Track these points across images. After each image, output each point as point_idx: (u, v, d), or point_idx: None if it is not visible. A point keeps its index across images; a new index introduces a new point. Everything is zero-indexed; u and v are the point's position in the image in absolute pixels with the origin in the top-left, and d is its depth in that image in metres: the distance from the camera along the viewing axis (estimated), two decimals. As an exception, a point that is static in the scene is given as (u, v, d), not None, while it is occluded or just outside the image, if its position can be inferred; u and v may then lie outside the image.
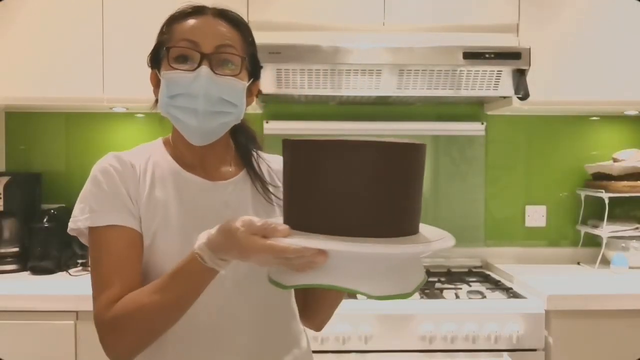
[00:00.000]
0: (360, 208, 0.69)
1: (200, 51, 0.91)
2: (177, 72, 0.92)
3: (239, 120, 0.99)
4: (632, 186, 2.13)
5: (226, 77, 0.93)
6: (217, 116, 0.94)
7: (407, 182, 0.72)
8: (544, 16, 2.05)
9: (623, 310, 1.76)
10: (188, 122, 0.93)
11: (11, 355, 1.69)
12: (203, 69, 0.90)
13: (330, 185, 0.70)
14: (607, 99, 2.08)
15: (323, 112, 2.33)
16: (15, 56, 2.01)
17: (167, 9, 2.16)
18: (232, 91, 0.94)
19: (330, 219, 0.70)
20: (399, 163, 0.71)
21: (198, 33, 0.93)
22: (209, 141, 0.97)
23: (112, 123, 2.35)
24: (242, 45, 0.97)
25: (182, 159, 1.02)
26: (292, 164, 0.76)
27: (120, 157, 0.99)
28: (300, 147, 0.75)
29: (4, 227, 2.10)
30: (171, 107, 0.95)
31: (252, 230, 0.72)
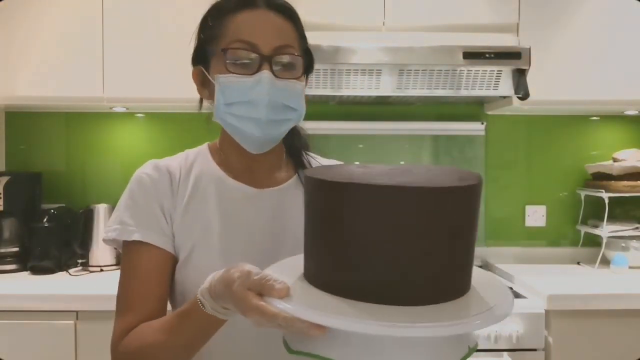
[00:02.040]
0: (390, 268, 0.56)
1: (260, 53, 0.83)
2: (234, 76, 0.84)
3: (297, 124, 0.92)
4: (632, 186, 2.13)
5: (288, 80, 0.85)
6: (279, 124, 0.86)
7: (455, 234, 0.58)
8: (544, 16, 2.05)
9: (623, 310, 1.76)
10: (248, 131, 0.85)
11: (11, 355, 1.69)
12: (264, 74, 0.82)
13: (351, 236, 0.58)
14: (607, 98, 2.08)
15: (323, 112, 2.33)
16: (16, 56, 2.01)
17: (166, 9, 2.17)
18: (294, 95, 0.86)
19: (350, 279, 0.58)
20: (445, 213, 0.57)
21: (255, 32, 0.84)
22: (267, 148, 0.89)
23: (112, 123, 2.35)
24: (298, 41, 0.89)
25: (229, 165, 0.94)
26: (312, 206, 0.64)
27: (158, 165, 0.94)
28: (320, 188, 0.61)
29: (4, 227, 2.10)
30: (228, 115, 0.86)
31: (247, 284, 0.62)
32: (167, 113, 2.34)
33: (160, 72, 2.00)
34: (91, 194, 2.33)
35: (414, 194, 0.55)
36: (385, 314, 0.54)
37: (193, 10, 2.21)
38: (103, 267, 2.09)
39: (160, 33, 2.01)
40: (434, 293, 0.58)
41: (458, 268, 0.60)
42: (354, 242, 0.57)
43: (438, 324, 0.53)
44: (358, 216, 0.57)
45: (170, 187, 0.91)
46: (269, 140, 0.88)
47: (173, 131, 2.34)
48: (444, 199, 0.56)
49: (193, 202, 0.90)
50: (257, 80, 0.82)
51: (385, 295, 0.56)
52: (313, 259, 0.63)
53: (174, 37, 2.01)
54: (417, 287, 0.57)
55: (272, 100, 0.83)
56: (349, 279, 0.58)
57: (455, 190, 0.57)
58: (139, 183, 0.92)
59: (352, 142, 2.35)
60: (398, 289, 0.56)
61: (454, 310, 0.57)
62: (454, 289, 0.60)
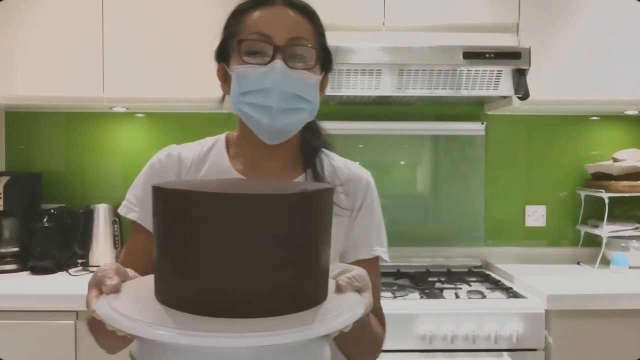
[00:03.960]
0: (226, 280, 0.53)
1: (273, 44, 0.86)
2: (249, 66, 0.87)
3: (313, 117, 0.94)
4: (632, 186, 2.13)
5: (300, 71, 0.87)
6: (291, 113, 0.88)
7: (296, 243, 0.56)
8: (544, 16, 2.05)
9: (623, 310, 1.76)
10: (261, 119, 0.87)
11: (11, 355, 1.69)
12: (277, 62, 0.85)
13: (190, 246, 0.54)
14: (607, 98, 2.08)
15: (323, 112, 2.31)
16: (16, 56, 2.01)
17: (166, 9, 2.17)
18: (307, 86, 0.89)
19: (193, 293, 0.54)
20: (282, 221, 0.54)
21: (270, 25, 0.87)
22: (282, 139, 0.91)
23: (112, 123, 2.35)
24: (314, 36, 0.92)
25: (240, 158, 0.97)
26: (154, 218, 0.59)
27: (172, 151, 0.98)
28: (158, 196, 0.58)
29: (4, 227, 2.10)
30: (243, 104, 0.89)
31: (94, 278, 0.61)
32: (167, 113, 2.34)
33: (160, 72, 2.00)
34: (91, 194, 2.33)
35: (246, 201, 0.53)
36: (206, 325, 0.51)
37: (193, 10, 2.22)
38: (103, 267, 2.09)
39: (160, 33, 2.01)
40: (268, 305, 0.54)
41: (301, 278, 0.57)
42: (181, 251, 0.55)
43: (250, 334, 0.49)
44: (192, 224, 0.54)
45: (177, 175, 0.95)
46: (282, 131, 0.89)
47: (173, 131, 2.34)
48: (279, 206, 0.54)
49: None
50: (270, 69, 0.85)
51: (222, 309, 0.53)
52: (158, 277, 0.59)
53: (174, 37, 2.01)
54: (250, 299, 0.53)
55: (282, 88, 0.85)
56: (182, 293, 0.55)
57: (293, 197, 0.55)
58: (150, 166, 0.98)
59: (352, 142, 2.35)
60: (233, 302, 0.53)
61: (292, 321, 0.53)
62: (298, 300, 0.56)
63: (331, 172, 0.98)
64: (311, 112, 0.92)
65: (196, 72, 2.01)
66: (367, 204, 0.98)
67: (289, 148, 0.96)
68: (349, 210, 0.96)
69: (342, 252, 0.96)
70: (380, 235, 0.99)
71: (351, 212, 0.97)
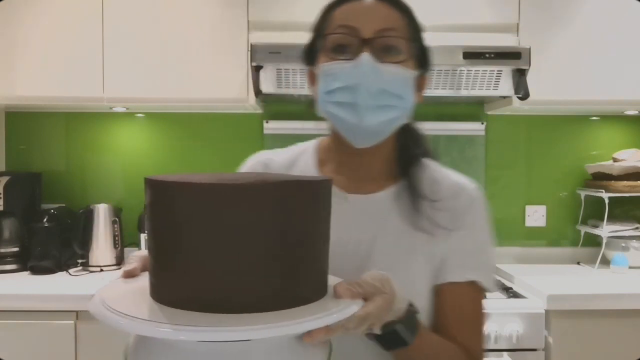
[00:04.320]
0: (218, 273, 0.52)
1: (360, 36, 0.79)
2: (334, 62, 0.81)
3: (406, 117, 0.85)
4: (632, 186, 2.13)
5: (390, 64, 0.80)
6: (380, 111, 0.80)
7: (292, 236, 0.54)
8: (543, 16, 2.05)
9: (623, 310, 1.76)
10: (347, 119, 0.80)
11: (11, 355, 1.69)
12: (364, 56, 0.78)
13: (182, 240, 0.53)
14: (607, 98, 2.08)
15: (323, 112, 2.33)
16: (16, 56, 2.01)
17: (166, 9, 2.17)
18: (398, 81, 0.81)
19: (187, 287, 0.53)
20: (270, 212, 0.52)
21: (356, 17, 0.81)
22: (371, 142, 0.83)
23: (112, 123, 2.35)
24: (407, 29, 0.84)
25: (329, 164, 0.92)
26: (147, 209, 0.57)
27: (260, 157, 0.97)
28: (149, 187, 0.56)
29: (4, 227, 2.10)
30: (329, 104, 0.82)
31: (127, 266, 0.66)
32: (167, 113, 2.34)
33: (160, 72, 2.00)
34: (91, 194, 2.33)
35: (235, 191, 0.51)
36: (197, 320, 0.50)
37: (193, 10, 2.22)
38: (103, 267, 2.09)
39: (160, 33, 2.01)
40: (257, 301, 0.52)
41: (296, 272, 0.55)
42: (185, 247, 0.53)
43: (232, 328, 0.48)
44: (187, 217, 0.52)
45: None
46: (371, 131, 0.82)
47: (173, 131, 2.34)
48: (270, 196, 0.52)
49: None
50: (356, 63, 0.78)
51: (213, 304, 0.52)
52: (153, 269, 0.57)
53: (174, 37, 2.01)
54: (238, 294, 0.52)
55: (371, 84, 0.78)
56: (172, 289, 0.54)
57: (284, 186, 0.53)
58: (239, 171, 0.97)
59: (352, 142, 2.35)
60: (223, 297, 0.52)
61: (284, 316, 0.52)
62: (292, 296, 0.54)
63: (431, 185, 0.88)
64: (404, 112, 0.83)
65: (196, 72, 2.01)
66: (470, 223, 0.87)
67: (382, 154, 0.89)
68: (447, 230, 0.85)
69: (434, 276, 0.85)
70: (481, 258, 0.88)
71: (449, 231, 0.85)
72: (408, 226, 0.85)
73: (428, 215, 0.85)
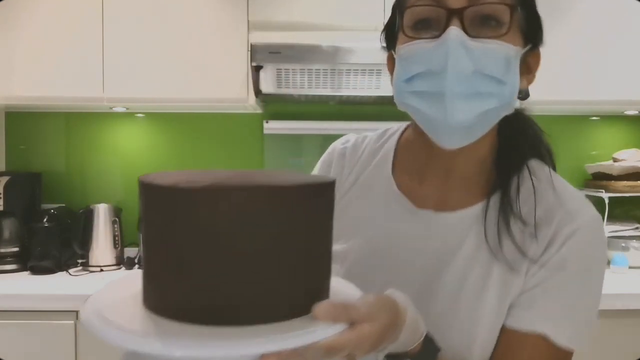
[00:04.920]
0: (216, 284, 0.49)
1: (447, 7, 0.61)
2: (414, 42, 0.64)
3: (511, 106, 0.66)
4: (632, 186, 2.13)
5: (487, 39, 0.61)
6: (473, 101, 0.62)
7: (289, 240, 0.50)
8: (544, 16, 2.03)
9: (623, 310, 1.76)
10: (431, 113, 0.63)
11: (11, 355, 1.69)
12: (451, 30, 0.60)
13: (174, 247, 0.50)
14: (607, 99, 2.08)
15: (323, 112, 2.33)
16: (16, 56, 2.01)
17: (167, 8, 2.17)
18: (497, 61, 0.62)
19: (178, 299, 0.50)
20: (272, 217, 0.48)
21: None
22: (464, 142, 0.65)
23: (112, 123, 2.35)
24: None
25: (408, 164, 0.76)
26: (142, 213, 0.55)
27: (338, 144, 0.85)
28: (142, 190, 0.55)
29: (4, 227, 2.10)
30: (407, 95, 0.65)
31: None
32: (167, 113, 2.34)
33: (160, 72, 2.00)
34: (91, 194, 2.33)
35: (231, 195, 0.47)
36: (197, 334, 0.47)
37: (193, 10, 2.22)
38: (103, 267, 2.09)
39: (161, 33, 2.01)
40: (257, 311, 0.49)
41: (297, 281, 0.51)
42: (167, 253, 0.50)
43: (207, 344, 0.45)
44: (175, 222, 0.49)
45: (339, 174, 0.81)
46: (463, 127, 0.63)
47: (173, 131, 2.34)
48: (267, 200, 0.48)
49: (355, 192, 0.78)
50: (442, 41, 0.61)
51: (210, 316, 0.49)
52: (146, 277, 0.54)
53: (174, 37, 2.01)
54: (238, 305, 0.49)
55: (461, 65, 0.60)
56: (169, 299, 0.50)
57: (287, 191, 0.49)
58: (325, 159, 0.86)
59: (352, 142, 2.35)
60: (222, 309, 0.49)
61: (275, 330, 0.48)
62: (289, 306, 0.50)
63: (528, 199, 0.68)
64: (505, 101, 0.64)
65: (196, 72, 2.01)
66: (561, 259, 0.65)
67: (476, 156, 0.71)
68: (532, 262, 0.66)
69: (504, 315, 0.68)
70: (564, 307, 0.66)
71: (534, 263, 0.66)
72: (487, 252, 0.68)
73: (515, 241, 0.66)
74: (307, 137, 2.35)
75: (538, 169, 0.72)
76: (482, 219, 0.69)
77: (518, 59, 0.64)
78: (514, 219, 0.67)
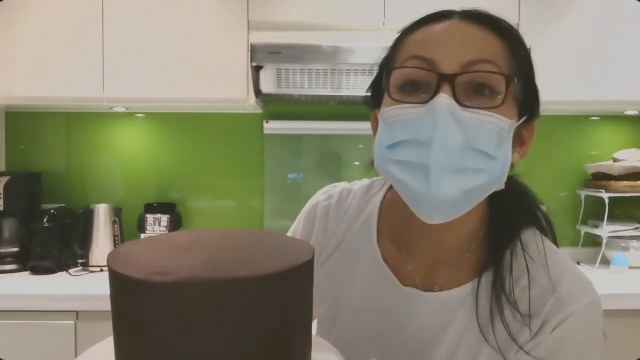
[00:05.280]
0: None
1: (438, 72, 0.58)
2: (400, 106, 0.59)
3: (501, 183, 0.61)
4: (632, 186, 2.13)
5: (479, 110, 0.57)
6: (460, 176, 0.57)
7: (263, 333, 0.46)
8: (544, 16, 2.05)
9: (623, 310, 1.76)
10: (413, 185, 0.58)
11: (11, 355, 1.69)
12: (441, 98, 0.56)
13: (138, 338, 0.47)
14: (607, 99, 2.08)
15: (323, 112, 2.33)
16: (16, 56, 2.01)
17: (166, 8, 2.17)
18: (489, 134, 0.57)
19: None
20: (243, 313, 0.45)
21: (435, 45, 0.60)
22: (448, 217, 0.61)
23: (112, 123, 2.35)
24: (507, 61, 0.61)
25: (389, 234, 0.72)
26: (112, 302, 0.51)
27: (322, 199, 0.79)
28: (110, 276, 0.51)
29: (4, 227, 2.10)
30: (389, 162, 0.61)
31: None
32: (167, 113, 2.34)
33: (160, 72, 2.00)
34: (91, 194, 2.33)
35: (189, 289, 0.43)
36: None
37: (194, 9, 2.22)
38: (103, 267, 2.09)
39: (161, 33, 2.01)
40: None
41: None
42: (128, 342, 0.47)
43: None
44: (143, 314, 0.45)
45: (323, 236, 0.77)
46: (448, 204, 0.59)
47: (173, 131, 2.34)
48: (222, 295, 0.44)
49: (338, 256, 0.74)
50: (430, 108, 0.57)
51: None
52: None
53: (174, 37, 2.01)
54: None
55: (448, 137, 0.56)
56: None
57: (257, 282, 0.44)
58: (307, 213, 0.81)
59: (352, 142, 2.35)
60: None
61: None
62: None
63: (520, 281, 0.64)
64: (495, 177, 0.59)
65: (196, 72, 2.01)
66: (547, 348, 0.61)
67: (463, 231, 0.67)
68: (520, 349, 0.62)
69: None
70: None
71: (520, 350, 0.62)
72: (476, 334, 0.64)
73: (507, 325, 0.62)
74: (307, 137, 2.35)
75: (531, 242, 0.67)
76: (473, 300, 0.65)
77: (512, 132, 0.60)
78: (506, 301, 0.63)
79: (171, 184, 2.34)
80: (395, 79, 0.61)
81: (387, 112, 0.61)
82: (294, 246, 0.51)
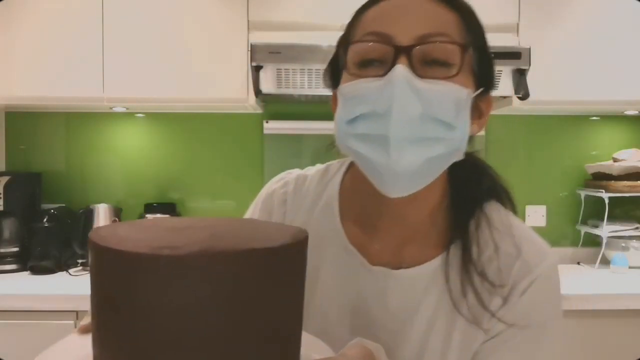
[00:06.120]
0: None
1: (394, 44, 0.58)
2: (358, 81, 0.60)
3: (460, 152, 0.61)
4: (632, 186, 2.13)
5: (435, 80, 0.58)
6: (420, 147, 0.57)
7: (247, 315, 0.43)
8: (544, 16, 2.05)
9: (623, 310, 1.76)
10: (374, 158, 0.58)
11: (11, 355, 1.69)
12: (397, 69, 0.56)
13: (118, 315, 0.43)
14: (607, 99, 2.08)
15: (323, 112, 2.32)
16: (16, 56, 2.01)
17: (166, 9, 2.17)
18: (447, 103, 0.58)
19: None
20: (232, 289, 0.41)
21: (390, 20, 0.60)
22: (408, 190, 0.60)
23: (112, 123, 2.35)
24: (461, 33, 0.61)
25: (354, 214, 0.71)
26: (93, 279, 0.46)
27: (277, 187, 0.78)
28: (91, 250, 0.45)
29: (4, 227, 2.10)
30: (349, 137, 0.61)
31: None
32: (167, 113, 2.34)
33: (160, 72, 2.00)
34: (91, 194, 2.33)
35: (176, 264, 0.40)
36: None
37: (194, 9, 2.22)
38: (103, 267, 2.09)
39: (160, 33, 2.01)
40: None
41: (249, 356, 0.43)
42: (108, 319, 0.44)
43: None
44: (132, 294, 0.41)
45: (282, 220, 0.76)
46: (409, 176, 0.58)
47: (173, 131, 2.34)
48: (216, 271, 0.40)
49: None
50: (387, 80, 0.57)
51: None
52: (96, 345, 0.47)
53: (174, 37, 2.01)
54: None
55: (406, 107, 0.56)
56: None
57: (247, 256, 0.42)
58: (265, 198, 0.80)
59: (352, 142, 2.35)
60: None
61: None
62: None
63: (485, 248, 0.66)
64: (455, 147, 0.60)
65: (196, 72, 2.01)
66: (517, 313, 0.64)
67: (427, 205, 0.67)
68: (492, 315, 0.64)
69: None
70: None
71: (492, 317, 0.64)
72: (449, 306, 0.65)
73: (479, 294, 0.64)
74: (307, 137, 2.35)
75: (495, 213, 0.69)
76: (443, 273, 0.65)
77: (469, 102, 0.61)
78: (475, 272, 0.64)
79: (171, 184, 2.34)
80: (352, 56, 0.61)
81: (346, 87, 0.61)
82: (284, 227, 0.50)
